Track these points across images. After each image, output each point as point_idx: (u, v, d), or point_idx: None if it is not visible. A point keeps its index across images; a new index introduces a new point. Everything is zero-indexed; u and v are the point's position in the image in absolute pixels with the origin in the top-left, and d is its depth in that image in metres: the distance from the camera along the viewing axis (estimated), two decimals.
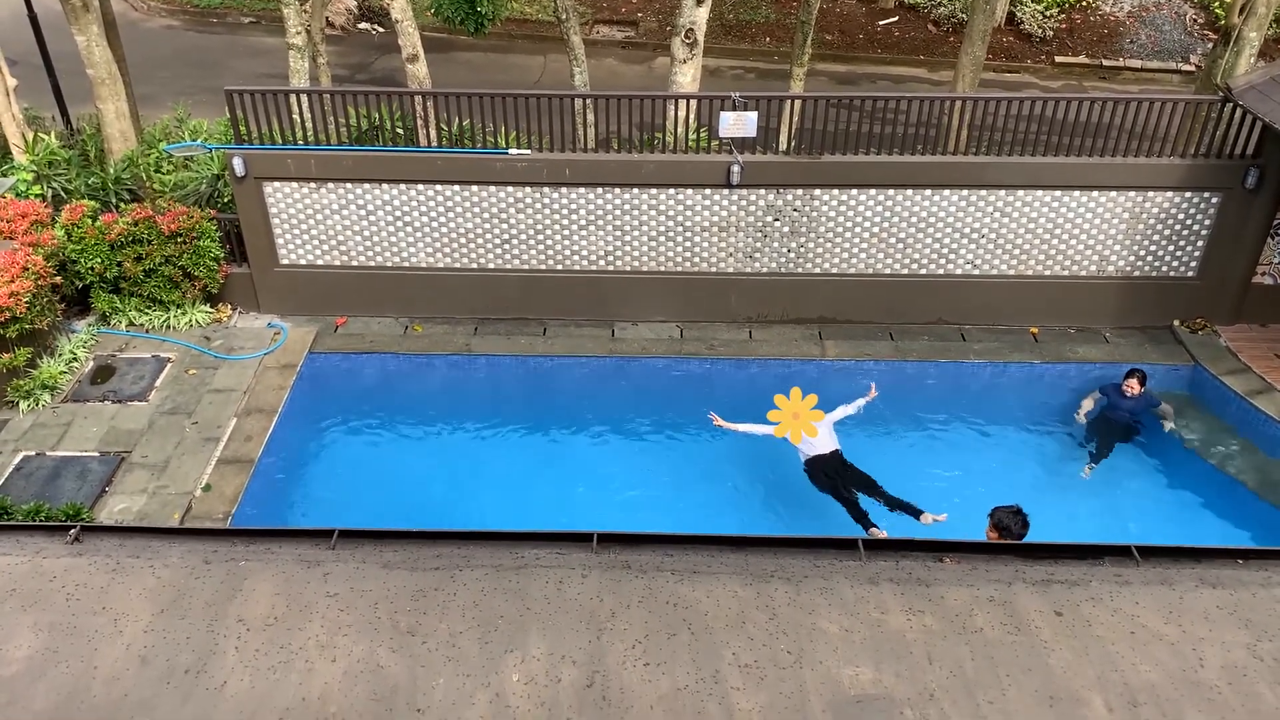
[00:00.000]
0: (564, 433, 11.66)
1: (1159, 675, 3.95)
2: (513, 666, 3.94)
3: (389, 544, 4.55)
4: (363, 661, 3.96)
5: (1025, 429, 11.71)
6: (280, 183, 12.23)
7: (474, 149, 12.20)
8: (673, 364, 12.35)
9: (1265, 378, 11.77)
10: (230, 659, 3.98)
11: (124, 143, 14.26)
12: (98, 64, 13.69)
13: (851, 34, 23.22)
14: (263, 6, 23.99)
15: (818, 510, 10.16)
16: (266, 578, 4.36)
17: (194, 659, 3.98)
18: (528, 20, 23.25)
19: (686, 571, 4.41)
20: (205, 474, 10.36)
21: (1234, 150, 11.90)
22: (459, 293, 12.91)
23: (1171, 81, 22.14)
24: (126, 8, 24.21)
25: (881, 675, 3.95)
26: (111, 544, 4.56)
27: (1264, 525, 10.29)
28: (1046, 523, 8.45)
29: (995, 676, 3.95)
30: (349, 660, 3.97)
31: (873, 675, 3.94)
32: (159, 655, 4.00)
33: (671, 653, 4.02)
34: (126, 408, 11.29)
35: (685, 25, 14.03)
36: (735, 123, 11.76)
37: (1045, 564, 4.50)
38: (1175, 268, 12.59)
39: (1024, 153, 12.04)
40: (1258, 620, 4.19)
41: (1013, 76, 21.99)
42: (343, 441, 11.55)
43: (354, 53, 22.40)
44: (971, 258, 12.54)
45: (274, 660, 3.97)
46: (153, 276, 12.27)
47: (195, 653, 4.01)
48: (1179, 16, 23.57)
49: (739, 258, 12.60)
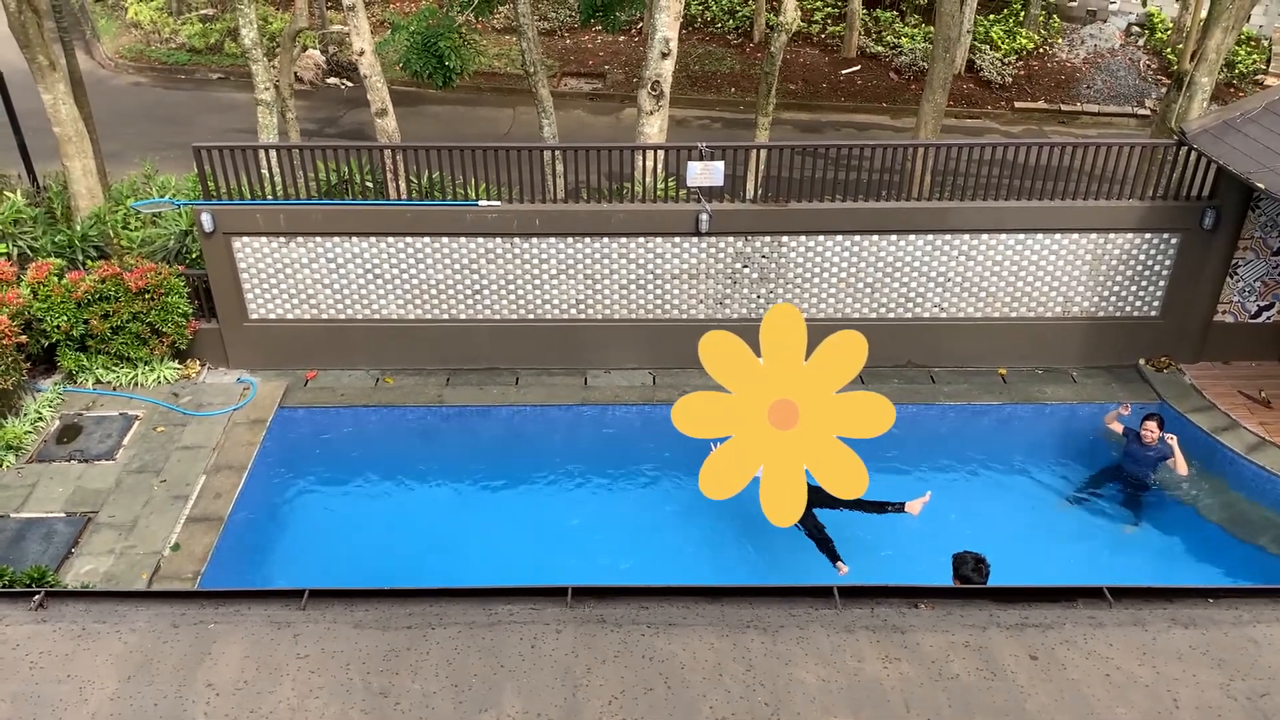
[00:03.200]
0: (537, 484, 11.59)
1: (1134, 717, 3.96)
2: None
3: (360, 603, 4.50)
4: None
5: (996, 470, 11.77)
6: (249, 237, 12.21)
7: (444, 201, 12.25)
8: (646, 411, 12.35)
9: (1230, 414, 11.93)
10: None
11: (91, 200, 14.21)
12: (64, 121, 13.68)
13: (815, 83, 23.61)
14: (231, 62, 24.11)
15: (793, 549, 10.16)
16: (236, 640, 4.29)
17: None
18: (496, 73, 23.48)
19: (662, 624, 4.39)
20: (174, 533, 10.21)
21: (1190, 192, 12.17)
22: (430, 344, 12.90)
23: (1128, 125, 22.66)
24: (94, 65, 24.27)
25: None
26: (77, 609, 4.48)
27: (1234, 562, 10.37)
28: (1018, 564, 8.49)
29: None
30: None
31: None
32: None
33: (648, 707, 3.98)
34: (93, 467, 11.14)
35: (651, 77, 14.22)
36: (703, 172, 11.90)
37: (1019, 608, 4.51)
38: (1139, 307, 12.79)
39: (987, 197, 12.25)
40: (1230, 659, 4.21)
41: (974, 122, 22.43)
42: (314, 497, 11.43)
43: (323, 107, 22.51)
44: (939, 301, 12.68)
45: None
46: (120, 333, 12.18)
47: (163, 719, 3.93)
48: (1133, 62, 24.17)
49: (709, 304, 12.68)
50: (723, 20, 25.83)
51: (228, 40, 24.60)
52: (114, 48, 25.30)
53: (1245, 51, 23.78)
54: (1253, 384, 12.48)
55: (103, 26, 25.89)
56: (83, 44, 24.85)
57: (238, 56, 23.32)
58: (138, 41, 25.41)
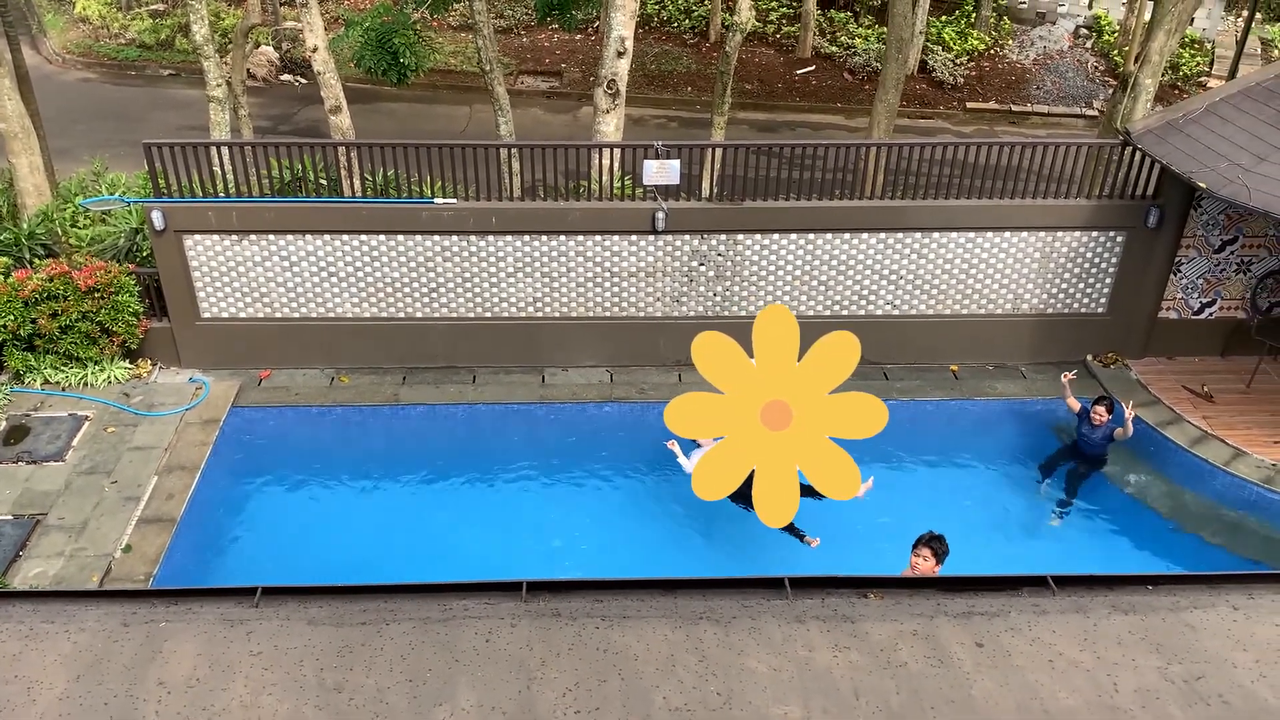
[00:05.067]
0: (494, 481, 11.58)
1: (1076, 701, 4.06)
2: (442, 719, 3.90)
3: (314, 600, 4.49)
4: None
5: (948, 464, 11.96)
6: (201, 235, 12.08)
7: (399, 199, 12.20)
8: (603, 408, 12.39)
9: (1174, 409, 12.21)
10: None
11: (38, 197, 13.97)
12: (10, 117, 13.44)
13: (770, 83, 23.78)
14: (182, 59, 23.79)
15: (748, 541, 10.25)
16: (188, 639, 4.27)
17: None
18: (452, 71, 23.38)
19: (616, 617, 4.42)
20: (125, 534, 10.08)
21: (1136, 191, 12.43)
22: (386, 342, 12.83)
23: (1077, 125, 23.07)
24: (41, 60, 23.82)
25: (810, 713, 3.99)
26: (24, 609, 4.42)
27: (1174, 551, 10.63)
28: (968, 553, 8.63)
29: (920, 709, 4.02)
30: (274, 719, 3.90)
31: (801, 713, 3.99)
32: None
33: (603, 699, 4.02)
34: (42, 468, 10.96)
35: (608, 76, 14.26)
36: (659, 170, 11.95)
37: (966, 596, 4.60)
38: (1086, 304, 13.04)
39: (938, 196, 12.43)
40: (1167, 644, 4.33)
41: (926, 122, 22.71)
42: (268, 497, 11.32)
43: (276, 104, 22.28)
44: (891, 298, 12.85)
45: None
46: (69, 333, 11.99)
47: (114, 719, 3.90)
48: (1081, 64, 24.61)
49: (666, 302, 12.75)
50: (679, 20, 25.93)
51: (179, 36, 24.26)
52: (61, 43, 24.85)
53: (1189, 54, 24.31)
54: (1196, 378, 12.78)
55: (50, 21, 25.40)
56: (29, 39, 24.34)
57: (189, 53, 23.01)
58: (86, 37, 24.97)
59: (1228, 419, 12.03)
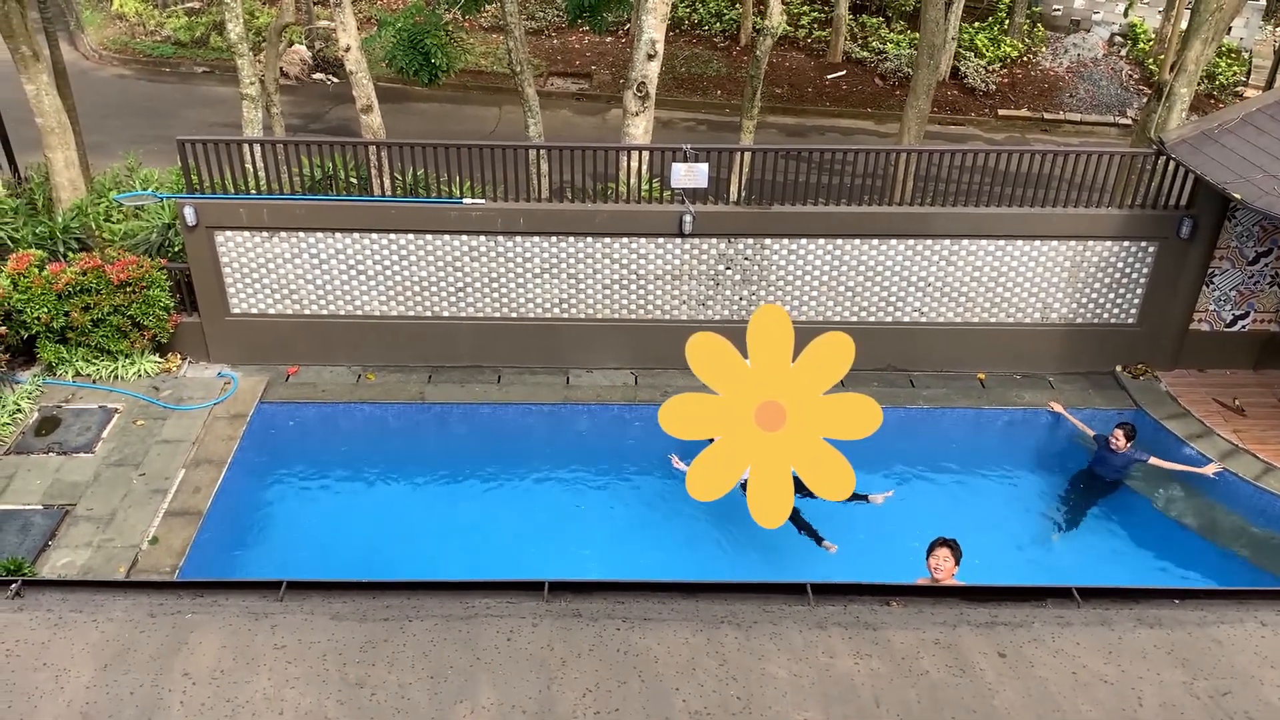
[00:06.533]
0: (517, 480, 11.62)
1: (1099, 714, 4.03)
2: (462, 717, 3.92)
3: (337, 595, 4.53)
4: (310, 714, 3.92)
5: (974, 473, 11.87)
6: (232, 231, 12.19)
7: (428, 199, 12.27)
8: (627, 411, 12.40)
9: (1204, 421, 12.07)
10: (175, 714, 3.92)
11: (73, 191, 14.15)
12: (47, 112, 13.62)
13: (801, 87, 23.73)
14: (216, 56, 24.03)
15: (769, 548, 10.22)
16: (213, 630, 4.31)
17: (137, 714, 3.92)
18: (483, 72, 23.49)
19: (637, 619, 4.43)
20: (152, 526, 10.19)
21: (1168, 201, 12.30)
22: (413, 341, 12.90)
23: (1110, 134, 22.86)
24: (78, 57, 24.13)
25: (830, 718, 3.98)
26: (54, 598, 4.49)
27: (1202, 565, 10.50)
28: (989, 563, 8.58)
29: (941, 718, 4.00)
30: (296, 713, 3.93)
31: (822, 719, 3.98)
32: (101, 712, 3.93)
33: (622, 700, 4.03)
34: (72, 459, 11.10)
35: (637, 79, 14.28)
36: (687, 173, 11.95)
37: (989, 606, 4.57)
38: (1116, 315, 12.92)
39: (968, 203, 12.35)
40: (1193, 659, 4.29)
41: (957, 129, 22.58)
42: (293, 492, 11.42)
43: (308, 103, 22.46)
44: (919, 306, 12.78)
45: (219, 714, 3.92)
46: (101, 326, 12.13)
47: (139, 708, 3.95)
48: (1115, 72, 24.39)
49: (692, 305, 12.74)
50: (710, 23, 25.92)
51: (213, 34, 24.51)
52: (98, 39, 25.16)
53: (1226, 63, 24.04)
54: (1227, 392, 12.63)
55: (87, 18, 25.73)
56: (66, 35, 24.68)
57: (223, 50, 23.25)
58: (122, 34, 25.28)
59: (1259, 433, 11.88)
